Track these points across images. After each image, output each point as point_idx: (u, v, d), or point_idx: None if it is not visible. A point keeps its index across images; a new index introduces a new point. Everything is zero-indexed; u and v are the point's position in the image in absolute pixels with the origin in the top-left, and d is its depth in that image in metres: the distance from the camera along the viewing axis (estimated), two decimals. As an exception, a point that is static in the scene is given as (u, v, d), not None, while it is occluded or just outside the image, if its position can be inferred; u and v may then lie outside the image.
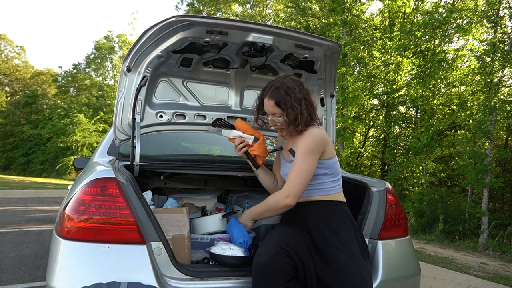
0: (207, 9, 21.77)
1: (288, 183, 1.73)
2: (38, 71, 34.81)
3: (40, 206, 8.91)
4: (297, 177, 1.71)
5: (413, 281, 1.94)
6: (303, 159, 1.72)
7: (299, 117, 1.76)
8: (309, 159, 1.72)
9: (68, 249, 1.48)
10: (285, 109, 1.77)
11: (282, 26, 2.02)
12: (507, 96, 8.87)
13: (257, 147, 2.02)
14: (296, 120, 1.76)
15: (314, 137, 1.75)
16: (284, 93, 1.77)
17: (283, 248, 1.58)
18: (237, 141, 2.03)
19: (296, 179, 1.71)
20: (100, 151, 2.51)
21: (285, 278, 1.55)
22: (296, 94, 1.77)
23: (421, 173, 10.42)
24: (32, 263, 3.95)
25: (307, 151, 1.72)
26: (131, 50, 1.92)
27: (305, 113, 1.77)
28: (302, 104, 1.77)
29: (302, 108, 1.76)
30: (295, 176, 1.71)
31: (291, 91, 1.77)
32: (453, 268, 5.00)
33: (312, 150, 1.73)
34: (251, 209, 1.85)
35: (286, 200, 1.70)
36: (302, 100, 1.77)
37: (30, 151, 27.50)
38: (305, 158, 1.72)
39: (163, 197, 2.58)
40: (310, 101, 1.82)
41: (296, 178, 1.71)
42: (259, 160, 2.04)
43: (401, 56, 10.86)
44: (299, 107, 1.76)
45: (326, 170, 1.80)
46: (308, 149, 1.72)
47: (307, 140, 1.74)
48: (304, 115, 1.76)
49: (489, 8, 8.56)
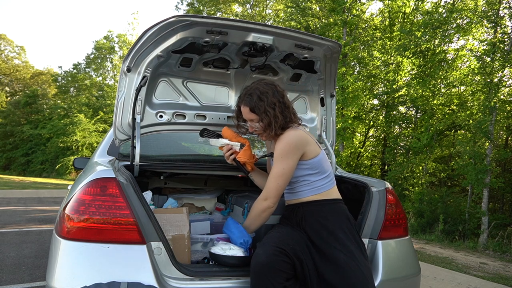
0: (207, 9, 21.77)
1: (265, 187, 1.79)
2: (38, 71, 34.81)
3: (40, 206, 8.91)
4: (271, 181, 1.76)
5: (413, 281, 1.94)
6: (277, 163, 1.76)
7: (273, 121, 1.79)
8: (283, 162, 1.75)
9: (68, 249, 1.48)
10: (259, 114, 1.80)
11: (282, 26, 2.02)
12: (507, 96, 8.87)
13: (243, 154, 2.04)
14: (271, 125, 1.79)
15: (288, 140, 1.77)
16: (257, 99, 1.80)
17: (280, 247, 1.59)
18: (225, 149, 2.06)
19: (270, 183, 1.76)
20: (100, 151, 2.51)
21: (284, 277, 1.56)
22: (269, 98, 1.79)
23: (421, 173, 10.42)
24: (32, 263, 3.95)
25: (281, 155, 1.76)
26: (131, 50, 1.92)
27: (280, 117, 1.79)
28: (276, 107, 1.79)
29: (276, 112, 1.78)
30: (270, 179, 1.77)
31: (264, 96, 1.79)
32: (453, 268, 5.00)
33: (286, 153, 1.75)
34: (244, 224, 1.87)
35: (264, 203, 1.77)
36: (276, 103, 1.80)
37: (30, 151, 27.49)
38: (279, 162, 1.76)
39: (163, 197, 2.58)
40: (285, 104, 1.83)
41: (270, 182, 1.77)
42: (248, 166, 2.07)
43: (401, 56, 10.85)
44: (273, 111, 1.78)
45: (311, 170, 1.80)
46: (282, 153, 1.76)
47: (281, 144, 1.78)
48: (278, 118, 1.79)
49: (489, 8, 8.56)
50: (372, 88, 12.78)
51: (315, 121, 2.45)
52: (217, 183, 2.86)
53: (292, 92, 2.40)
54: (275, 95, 1.81)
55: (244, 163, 2.05)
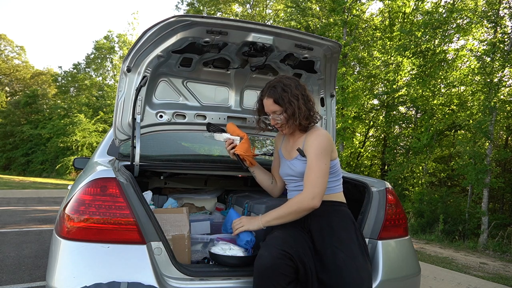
0: (207, 9, 21.78)
1: (311, 184, 1.70)
2: (38, 71, 34.81)
3: (40, 206, 8.91)
4: (318, 177, 1.71)
5: (413, 281, 1.94)
6: (319, 159, 1.72)
7: (297, 111, 1.78)
8: (324, 159, 1.73)
9: (68, 249, 1.48)
10: (283, 105, 1.79)
11: (282, 26, 2.02)
12: (507, 96, 8.87)
13: (240, 146, 2.04)
14: (295, 114, 1.78)
15: (326, 137, 1.78)
16: (281, 90, 1.79)
17: (285, 250, 1.58)
18: (227, 143, 2.07)
19: (318, 179, 1.70)
20: (100, 151, 2.51)
21: (286, 281, 1.56)
22: (293, 90, 1.79)
23: (421, 173, 10.42)
24: (32, 263, 3.95)
25: (322, 151, 1.74)
26: (131, 50, 1.92)
27: (303, 108, 1.78)
28: (299, 99, 1.79)
29: (299, 103, 1.78)
30: (316, 176, 1.70)
31: (288, 88, 1.79)
32: (453, 268, 5.00)
33: (326, 149, 1.75)
34: (269, 214, 1.76)
35: (313, 202, 1.68)
36: (299, 95, 1.79)
37: (30, 151, 27.49)
38: (321, 158, 1.73)
39: (163, 197, 2.58)
40: (307, 97, 1.83)
41: (318, 178, 1.70)
42: (246, 161, 2.06)
43: (401, 56, 10.85)
44: (297, 102, 1.78)
45: (330, 170, 1.80)
46: (322, 149, 1.74)
47: (321, 140, 1.76)
48: (302, 109, 1.78)
49: (489, 8, 8.56)
50: (372, 88, 12.79)
51: (315, 121, 2.44)
52: (217, 183, 2.86)
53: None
54: (298, 88, 1.81)
55: (242, 157, 2.05)
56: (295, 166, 1.83)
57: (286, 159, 1.92)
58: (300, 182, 1.84)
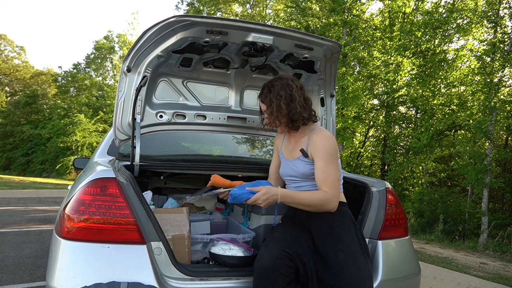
0: (207, 9, 21.78)
1: (331, 187, 1.69)
2: (38, 71, 34.81)
3: (40, 206, 8.91)
4: (336, 181, 1.71)
5: (413, 281, 1.94)
6: (332, 162, 1.73)
7: (276, 110, 1.79)
8: (335, 161, 1.75)
9: (68, 249, 1.48)
10: (266, 104, 1.83)
11: (282, 26, 2.01)
12: (507, 96, 8.87)
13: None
14: (273, 114, 1.81)
15: (333, 139, 1.79)
16: (267, 90, 1.83)
17: (285, 251, 1.58)
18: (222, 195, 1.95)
19: (336, 183, 1.71)
20: (100, 151, 2.51)
21: (286, 281, 1.56)
22: (277, 90, 1.80)
23: (421, 173, 10.42)
24: (32, 263, 3.95)
25: (333, 153, 1.75)
26: (131, 50, 1.92)
27: (284, 107, 1.78)
28: (282, 99, 1.79)
29: (281, 102, 1.78)
30: (334, 179, 1.70)
31: (273, 88, 1.82)
32: (453, 268, 5.00)
33: (336, 152, 1.77)
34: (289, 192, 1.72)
35: (333, 205, 1.69)
36: (283, 95, 1.79)
37: (30, 151, 27.50)
38: (333, 161, 1.74)
39: (163, 197, 2.58)
40: (292, 96, 1.80)
41: (335, 181, 1.71)
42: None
43: (401, 56, 10.86)
44: (277, 102, 1.79)
45: None
46: (333, 151, 1.75)
47: (330, 143, 1.76)
48: (282, 108, 1.78)
49: (489, 8, 8.56)
50: (372, 88, 12.79)
51: (315, 121, 2.44)
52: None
53: (292, 92, 2.40)
54: (284, 88, 1.81)
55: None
56: (297, 166, 1.82)
57: (287, 159, 1.91)
58: (301, 183, 1.83)
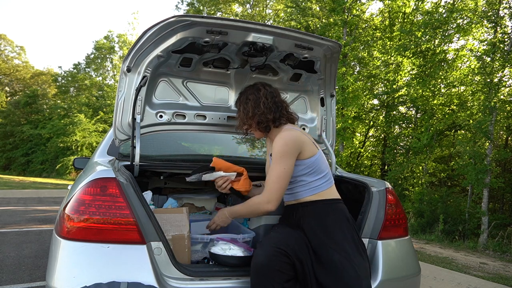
0: (207, 9, 21.78)
1: (267, 189, 1.76)
2: (38, 71, 34.81)
3: (40, 206, 8.91)
4: (274, 182, 1.75)
5: (413, 281, 1.94)
6: (277, 163, 1.76)
7: (243, 113, 1.94)
8: (283, 163, 1.75)
9: (68, 249, 1.48)
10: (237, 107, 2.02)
11: (282, 26, 2.01)
12: (507, 96, 8.87)
13: (243, 183, 2.00)
14: (241, 118, 1.96)
15: (285, 140, 1.78)
16: (239, 96, 2.00)
17: (280, 247, 1.58)
18: (221, 181, 1.97)
19: (274, 184, 1.75)
20: (100, 151, 2.51)
21: (283, 278, 1.55)
22: (246, 95, 1.95)
23: (421, 173, 10.42)
24: (32, 263, 3.95)
25: (280, 155, 1.76)
26: (131, 50, 1.92)
27: (250, 111, 1.90)
28: (248, 102, 1.91)
29: (247, 106, 1.91)
30: (272, 181, 1.75)
31: (244, 93, 1.97)
32: (453, 268, 5.00)
33: (285, 153, 1.75)
34: (233, 208, 1.88)
35: (267, 206, 1.75)
36: (250, 99, 1.92)
37: (30, 151, 27.50)
38: (279, 162, 1.75)
39: (163, 197, 2.58)
40: (258, 99, 1.90)
41: (273, 183, 1.75)
42: (244, 192, 2.02)
43: (401, 56, 10.85)
44: (245, 105, 1.93)
45: (308, 169, 1.80)
46: (280, 152, 1.76)
47: (278, 144, 1.78)
48: (249, 112, 1.90)
49: (489, 8, 8.56)
50: (372, 88, 12.78)
51: (315, 121, 2.45)
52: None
53: (292, 92, 2.40)
54: (253, 92, 1.93)
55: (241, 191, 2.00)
56: None
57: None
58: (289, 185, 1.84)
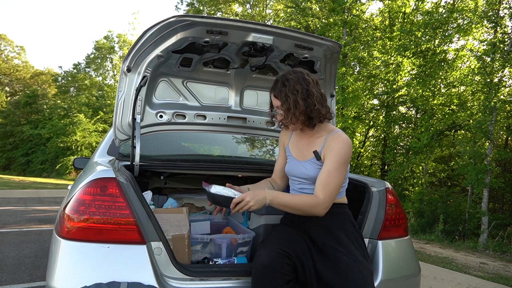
0: (207, 9, 21.78)
1: (328, 194, 1.64)
2: (38, 71, 34.80)
3: (40, 206, 8.91)
4: (336, 188, 1.66)
5: (413, 281, 1.94)
6: (341, 170, 1.66)
7: (293, 106, 1.70)
8: (345, 169, 1.69)
9: (68, 249, 1.48)
10: (281, 99, 1.73)
11: (282, 26, 2.01)
12: (507, 96, 8.87)
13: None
14: (290, 109, 1.71)
15: (349, 146, 1.70)
16: (281, 85, 1.73)
17: (282, 249, 1.58)
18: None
19: (335, 190, 1.66)
20: (100, 151, 2.51)
21: (284, 279, 1.55)
22: (293, 85, 1.71)
23: (421, 173, 10.42)
24: (32, 263, 3.95)
25: (345, 161, 1.68)
26: (131, 50, 1.92)
27: (301, 103, 1.69)
28: (298, 94, 1.70)
29: (297, 97, 1.69)
30: (334, 187, 1.65)
31: (288, 82, 1.72)
32: (453, 268, 5.00)
33: (348, 158, 1.70)
34: (278, 195, 1.64)
35: (321, 211, 1.65)
36: (298, 90, 1.70)
37: (30, 151, 27.48)
38: (342, 169, 1.67)
39: (163, 197, 2.58)
40: (309, 91, 1.71)
41: (335, 188, 1.66)
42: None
43: (401, 56, 10.86)
44: (294, 97, 1.69)
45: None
46: (345, 158, 1.68)
47: (346, 149, 1.68)
48: (299, 104, 1.69)
49: (489, 8, 8.56)
50: (372, 88, 12.78)
51: (315, 121, 2.44)
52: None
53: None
54: (299, 82, 1.71)
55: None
56: (307, 169, 1.76)
57: (296, 159, 1.84)
58: (306, 185, 1.78)
